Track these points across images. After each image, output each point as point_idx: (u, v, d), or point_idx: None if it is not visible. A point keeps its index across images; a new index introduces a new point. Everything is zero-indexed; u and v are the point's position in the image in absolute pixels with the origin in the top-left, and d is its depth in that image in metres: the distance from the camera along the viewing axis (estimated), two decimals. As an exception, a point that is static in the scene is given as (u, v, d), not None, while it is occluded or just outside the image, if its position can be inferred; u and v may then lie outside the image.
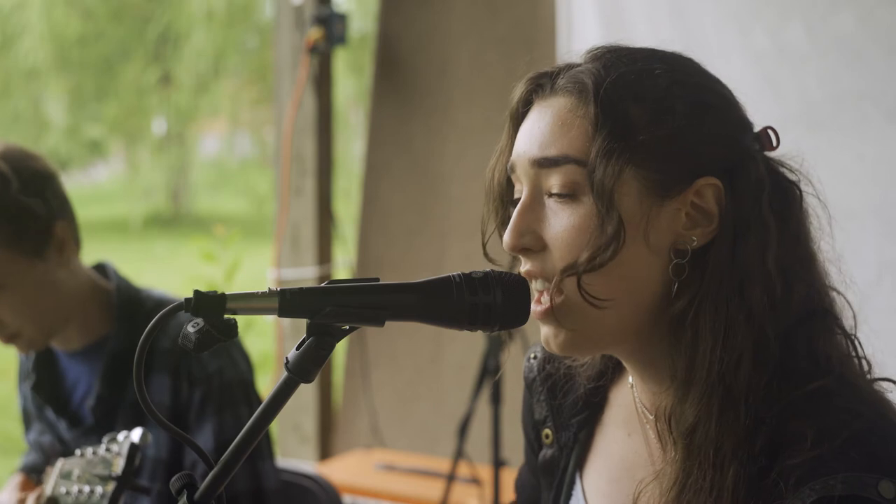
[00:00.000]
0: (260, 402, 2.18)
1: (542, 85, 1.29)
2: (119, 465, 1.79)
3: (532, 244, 1.25)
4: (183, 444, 2.12)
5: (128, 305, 2.19)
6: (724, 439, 1.20)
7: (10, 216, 2.04)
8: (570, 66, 1.29)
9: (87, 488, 1.82)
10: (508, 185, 1.32)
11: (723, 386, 1.20)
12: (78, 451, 1.89)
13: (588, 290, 1.21)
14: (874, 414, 1.21)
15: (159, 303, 2.20)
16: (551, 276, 1.24)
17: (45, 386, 2.25)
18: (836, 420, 1.18)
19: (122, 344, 2.15)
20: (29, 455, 2.34)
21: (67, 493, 1.86)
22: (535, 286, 1.27)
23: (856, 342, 1.29)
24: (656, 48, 1.30)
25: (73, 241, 2.15)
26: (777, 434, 1.19)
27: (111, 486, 1.78)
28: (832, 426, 1.17)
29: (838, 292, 1.30)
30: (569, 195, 1.23)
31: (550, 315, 1.25)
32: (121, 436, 1.84)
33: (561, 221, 1.24)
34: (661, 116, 1.22)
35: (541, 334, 1.29)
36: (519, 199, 1.28)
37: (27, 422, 2.36)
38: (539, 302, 1.26)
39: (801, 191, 1.28)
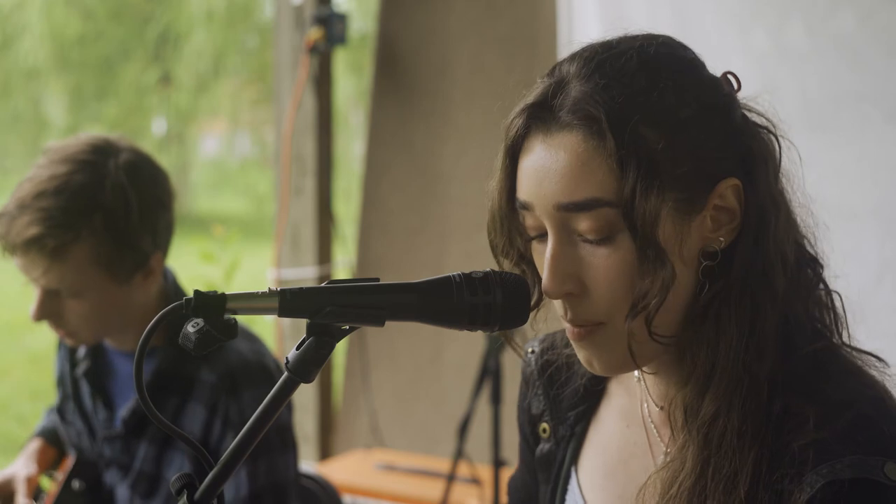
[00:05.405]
0: (296, 447, 2.13)
1: (541, 117, 1.23)
2: None
3: (574, 289, 1.23)
4: (166, 459, 2.09)
5: (180, 324, 2.15)
6: (747, 425, 1.20)
7: (118, 244, 1.98)
8: (561, 86, 1.22)
9: None
10: (511, 210, 1.28)
11: (748, 375, 1.21)
12: None
13: (654, 331, 1.20)
14: (873, 393, 1.21)
15: None
16: (597, 317, 1.23)
17: (96, 375, 2.20)
18: (836, 400, 1.19)
19: (168, 363, 2.09)
20: (50, 415, 2.30)
21: None
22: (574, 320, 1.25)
23: (834, 298, 1.29)
24: (638, 46, 1.26)
25: (161, 269, 2.10)
26: (783, 405, 1.20)
27: None
28: (834, 407, 1.18)
29: (811, 243, 1.30)
30: (605, 238, 1.20)
31: (592, 342, 1.25)
32: None
33: (601, 264, 1.21)
34: (677, 135, 1.19)
35: (581, 356, 1.29)
36: (534, 237, 1.26)
37: (59, 389, 2.30)
38: (578, 329, 1.25)
39: (775, 135, 1.28)
